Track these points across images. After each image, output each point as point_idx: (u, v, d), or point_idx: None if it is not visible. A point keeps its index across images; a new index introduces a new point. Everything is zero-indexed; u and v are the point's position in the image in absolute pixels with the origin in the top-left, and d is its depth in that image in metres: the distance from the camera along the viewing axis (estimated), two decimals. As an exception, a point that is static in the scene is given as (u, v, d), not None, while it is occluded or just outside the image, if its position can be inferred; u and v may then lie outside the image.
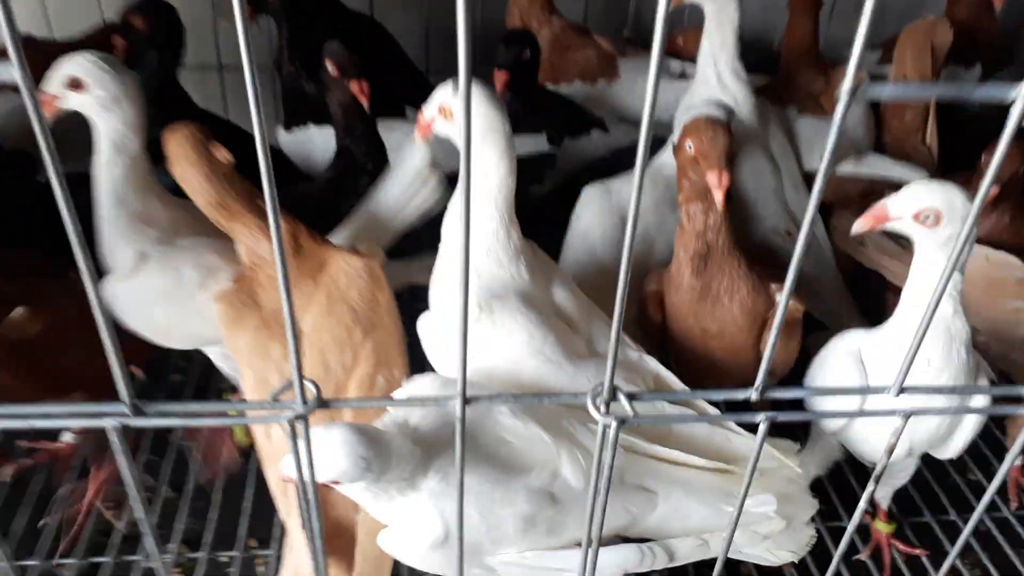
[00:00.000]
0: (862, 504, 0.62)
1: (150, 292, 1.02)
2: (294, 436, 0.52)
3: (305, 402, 0.51)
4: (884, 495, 1.11)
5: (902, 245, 1.26)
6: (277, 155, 1.44)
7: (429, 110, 0.91)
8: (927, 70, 1.50)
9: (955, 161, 1.47)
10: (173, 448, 1.23)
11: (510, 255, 0.92)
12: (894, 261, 1.25)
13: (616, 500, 0.81)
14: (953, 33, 1.50)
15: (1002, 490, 1.22)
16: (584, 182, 1.33)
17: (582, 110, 1.57)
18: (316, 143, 1.44)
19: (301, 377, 0.50)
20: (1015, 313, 1.16)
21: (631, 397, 0.53)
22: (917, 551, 1.12)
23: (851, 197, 1.35)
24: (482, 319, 0.89)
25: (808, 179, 1.41)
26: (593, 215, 1.25)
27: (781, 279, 1.03)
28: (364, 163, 1.25)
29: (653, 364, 0.98)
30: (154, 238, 1.02)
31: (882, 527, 1.12)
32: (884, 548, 1.12)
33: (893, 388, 0.56)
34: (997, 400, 0.92)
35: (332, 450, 0.68)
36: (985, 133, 1.46)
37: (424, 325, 0.94)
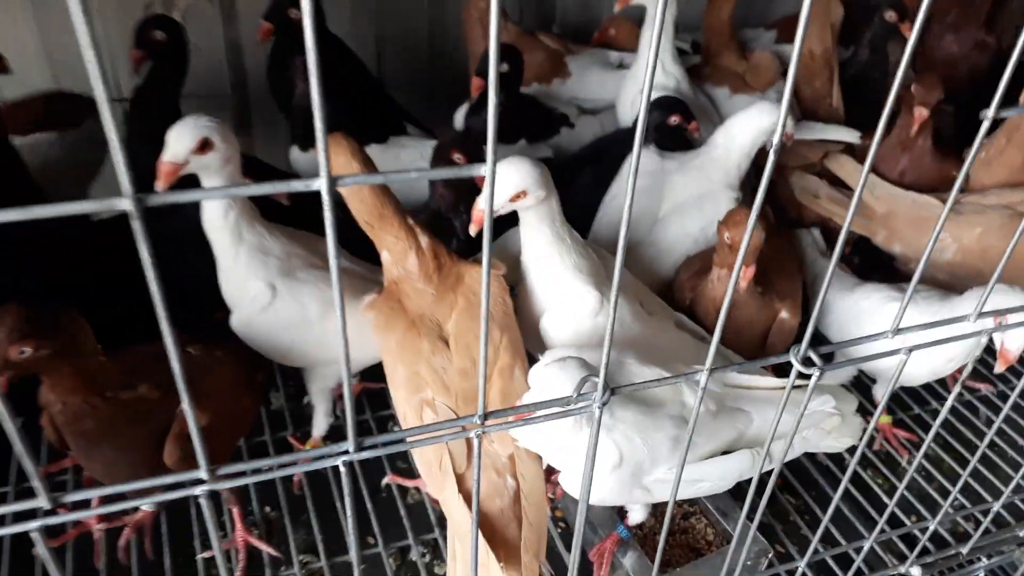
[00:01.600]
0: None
1: (279, 323, 1.14)
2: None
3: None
4: (882, 395, 1.41)
5: (847, 195, 1.57)
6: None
7: (498, 199, 1.03)
8: (828, 43, 1.80)
9: (856, 120, 1.79)
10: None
11: (586, 254, 1.14)
12: (843, 208, 1.55)
13: (725, 421, 1.04)
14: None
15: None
16: (571, 174, 1.54)
17: (549, 111, 1.76)
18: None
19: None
20: (938, 242, 1.48)
21: (816, 352, 0.76)
22: (910, 435, 1.46)
23: (810, 160, 1.64)
24: (601, 311, 1.10)
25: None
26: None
27: (782, 292, 1.31)
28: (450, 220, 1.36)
29: (690, 323, 1.25)
30: (276, 269, 1.13)
31: (884, 420, 1.44)
32: (889, 434, 1.44)
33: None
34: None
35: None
36: (875, 94, 1.81)
37: (551, 321, 1.14)
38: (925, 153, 1.58)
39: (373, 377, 1.39)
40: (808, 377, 0.75)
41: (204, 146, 1.02)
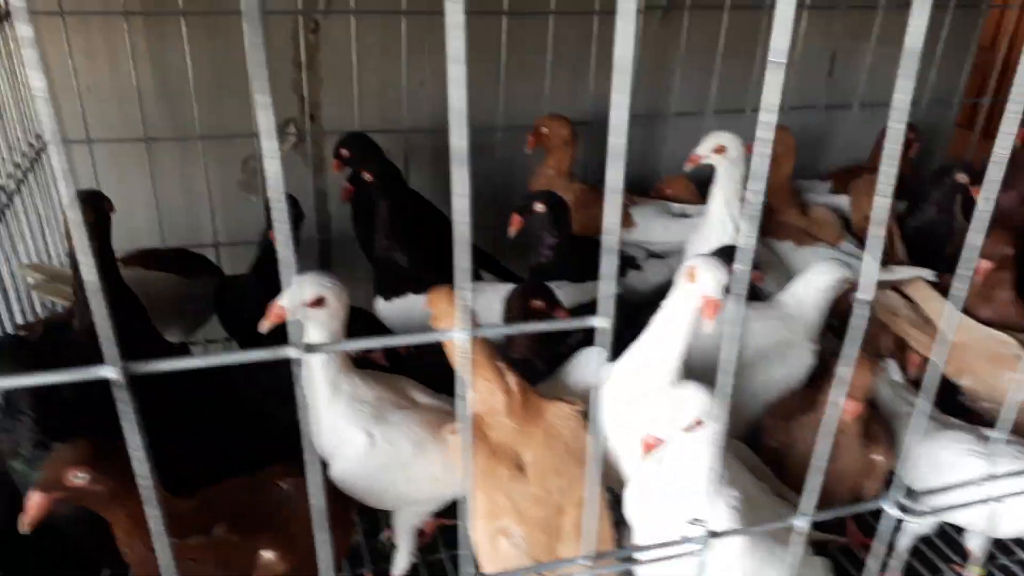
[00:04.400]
0: None
1: (377, 468, 1.19)
2: None
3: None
4: (979, 546, 1.40)
5: (924, 320, 1.62)
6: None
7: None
8: None
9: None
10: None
11: None
12: (918, 331, 1.61)
13: None
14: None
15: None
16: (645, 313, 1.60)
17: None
18: (415, 311, 1.63)
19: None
20: (1012, 382, 1.50)
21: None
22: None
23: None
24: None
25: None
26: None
27: (873, 434, 1.32)
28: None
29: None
30: (370, 415, 1.19)
31: (976, 572, 1.42)
32: None
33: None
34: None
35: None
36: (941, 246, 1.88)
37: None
38: (1007, 304, 1.63)
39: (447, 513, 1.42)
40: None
41: (318, 302, 1.12)
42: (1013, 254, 1.58)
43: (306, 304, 1.11)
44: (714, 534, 0.75)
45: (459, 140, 0.47)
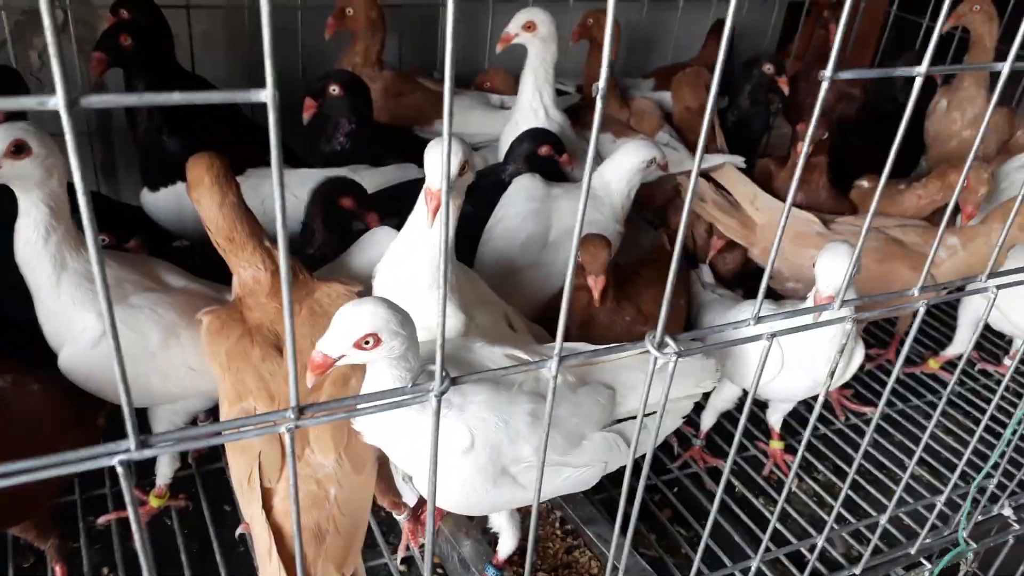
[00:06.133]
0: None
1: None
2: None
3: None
4: (776, 421, 1.42)
5: (732, 203, 1.60)
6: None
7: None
8: (703, 102, 1.88)
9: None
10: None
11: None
12: (725, 215, 1.58)
13: (587, 395, 0.97)
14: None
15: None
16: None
17: (424, 141, 1.71)
18: (185, 201, 1.44)
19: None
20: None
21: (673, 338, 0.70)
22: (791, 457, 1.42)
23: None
24: (464, 333, 1.03)
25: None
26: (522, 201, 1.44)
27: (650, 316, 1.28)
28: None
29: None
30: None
31: (775, 445, 1.43)
32: (779, 459, 1.43)
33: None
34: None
35: (368, 308, 0.79)
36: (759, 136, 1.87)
37: None
38: (819, 188, 1.66)
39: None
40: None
41: (19, 150, 0.92)
42: (829, 139, 1.59)
43: (3, 155, 0.91)
44: (453, 379, 0.65)
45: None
